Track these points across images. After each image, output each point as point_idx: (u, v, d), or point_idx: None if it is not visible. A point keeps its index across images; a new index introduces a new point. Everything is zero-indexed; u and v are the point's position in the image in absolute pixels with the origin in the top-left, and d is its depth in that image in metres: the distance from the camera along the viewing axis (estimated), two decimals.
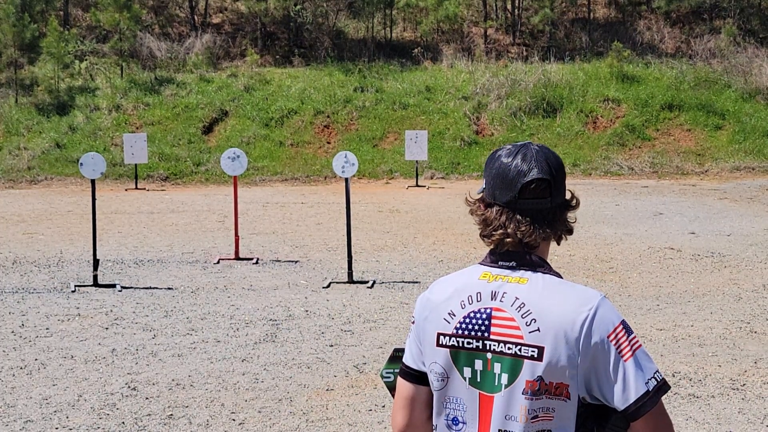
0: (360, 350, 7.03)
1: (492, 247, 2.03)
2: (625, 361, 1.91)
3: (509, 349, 1.93)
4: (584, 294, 1.96)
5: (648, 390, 1.91)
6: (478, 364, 1.96)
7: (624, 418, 1.94)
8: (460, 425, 2.00)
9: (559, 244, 2.07)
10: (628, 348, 1.92)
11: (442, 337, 2.01)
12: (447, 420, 2.01)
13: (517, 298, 1.95)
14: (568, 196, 2.05)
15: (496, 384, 1.94)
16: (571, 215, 2.05)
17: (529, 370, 1.91)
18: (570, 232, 2.06)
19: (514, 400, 1.92)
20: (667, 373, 6.32)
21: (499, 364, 1.94)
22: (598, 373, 1.92)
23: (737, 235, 12.36)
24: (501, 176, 2.00)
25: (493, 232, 1.99)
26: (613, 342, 1.91)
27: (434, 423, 2.05)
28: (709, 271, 10.07)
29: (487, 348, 1.96)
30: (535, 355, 1.91)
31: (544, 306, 1.93)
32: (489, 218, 2.01)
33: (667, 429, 1.95)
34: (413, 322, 2.12)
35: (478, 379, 1.97)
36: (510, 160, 2.00)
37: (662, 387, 1.94)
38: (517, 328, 1.93)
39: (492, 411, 1.95)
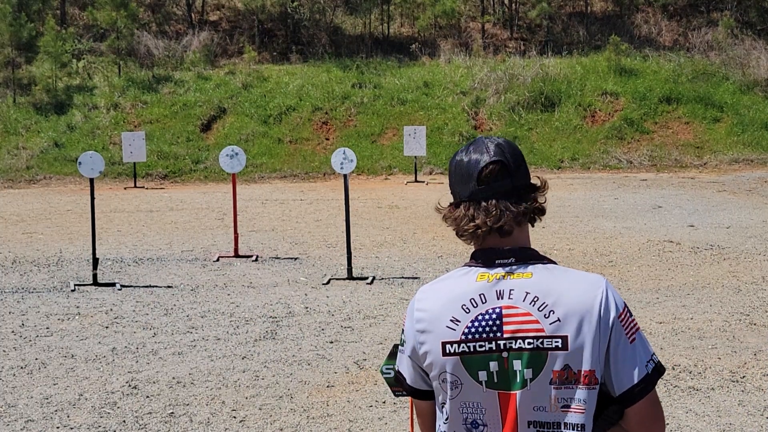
0: (360, 346, 7.03)
1: (476, 246, 2.03)
2: (630, 342, 1.93)
3: (529, 343, 1.92)
4: (590, 278, 1.98)
5: (648, 372, 1.93)
6: (493, 366, 1.94)
7: (619, 407, 1.95)
8: (481, 428, 1.97)
9: (533, 225, 2.05)
10: (633, 329, 1.95)
11: (448, 346, 1.97)
12: (466, 424, 1.98)
13: (527, 293, 1.94)
14: (536, 182, 2.05)
15: (518, 380, 1.93)
16: (540, 197, 2.04)
17: (555, 361, 1.91)
18: (542, 212, 2.04)
19: (542, 393, 1.91)
20: (667, 366, 6.33)
21: (519, 361, 1.92)
22: (608, 355, 1.93)
23: (736, 228, 12.37)
24: (458, 172, 2.02)
25: (464, 228, 2.00)
26: (623, 323, 1.94)
27: (452, 430, 2.01)
28: (709, 263, 10.08)
29: (502, 347, 1.94)
30: (560, 345, 1.91)
31: (558, 295, 1.93)
32: (458, 216, 2.01)
33: (659, 415, 1.97)
34: (402, 342, 2.08)
35: (496, 380, 1.94)
36: (464, 155, 2.04)
37: (659, 369, 1.96)
38: (536, 321, 1.92)
39: (517, 407, 1.93)
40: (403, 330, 2.09)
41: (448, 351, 1.96)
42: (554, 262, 2.01)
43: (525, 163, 2.05)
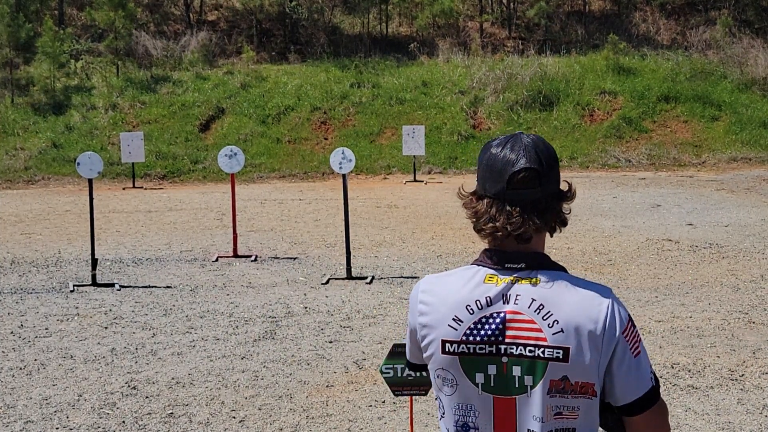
0: (359, 346, 7.04)
1: (489, 245, 1.99)
2: (634, 357, 1.91)
3: (530, 351, 1.89)
4: (597, 290, 1.93)
5: (653, 385, 1.93)
6: (492, 369, 1.92)
7: (618, 416, 1.95)
8: (472, 431, 1.97)
9: (552, 236, 2.01)
10: (638, 344, 1.93)
11: (448, 345, 1.95)
12: (456, 426, 1.98)
13: (533, 300, 1.91)
14: (564, 187, 2.00)
15: (517, 386, 1.91)
16: (565, 206, 1.99)
17: (554, 371, 1.89)
18: (564, 223, 1.99)
19: (539, 401, 1.90)
20: (666, 364, 6.34)
21: (519, 367, 1.91)
22: (611, 369, 1.91)
23: (735, 226, 12.37)
24: (490, 167, 1.95)
25: (483, 226, 1.95)
26: (627, 338, 1.91)
27: (445, 428, 2.02)
28: (707, 262, 10.09)
29: (503, 352, 1.92)
30: (561, 356, 1.88)
31: (563, 306, 1.90)
32: (480, 211, 1.96)
33: (664, 416, 1.97)
34: (408, 326, 2.10)
35: (492, 384, 1.93)
36: (499, 150, 1.96)
37: (658, 381, 1.97)
38: (539, 330, 1.89)
39: (515, 413, 1.92)
40: (408, 317, 2.10)
41: (447, 350, 1.95)
42: (565, 270, 1.98)
43: (558, 166, 1.99)
